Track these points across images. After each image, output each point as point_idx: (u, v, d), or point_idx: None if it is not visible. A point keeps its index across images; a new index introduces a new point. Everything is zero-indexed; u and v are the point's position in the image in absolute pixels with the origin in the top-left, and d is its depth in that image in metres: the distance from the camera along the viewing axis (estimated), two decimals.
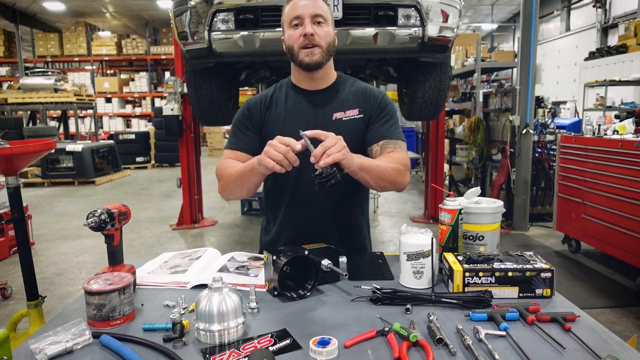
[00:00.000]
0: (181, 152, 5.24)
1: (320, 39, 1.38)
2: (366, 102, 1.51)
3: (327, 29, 1.41)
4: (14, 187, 2.29)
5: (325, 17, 1.40)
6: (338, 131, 1.42)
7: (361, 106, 1.50)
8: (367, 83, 1.59)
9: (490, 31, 15.35)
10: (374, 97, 1.52)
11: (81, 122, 12.27)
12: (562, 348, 0.89)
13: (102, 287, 1.03)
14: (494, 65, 7.28)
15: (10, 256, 4.30)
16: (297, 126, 1.42)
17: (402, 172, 1.40)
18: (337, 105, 1.49)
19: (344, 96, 1.51)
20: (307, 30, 1.36)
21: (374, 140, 1.47)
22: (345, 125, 1.47)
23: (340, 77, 1.56)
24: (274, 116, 1.50)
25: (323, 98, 1.50)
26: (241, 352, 0.91)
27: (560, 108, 8.76)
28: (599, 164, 3.62)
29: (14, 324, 2.53)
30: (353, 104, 1.50)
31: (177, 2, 3.03)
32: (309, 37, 1.37)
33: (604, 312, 3.01)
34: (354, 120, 1.48)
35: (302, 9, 1.38)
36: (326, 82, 1.51)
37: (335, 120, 1.47)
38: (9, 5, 12.52)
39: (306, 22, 1.37)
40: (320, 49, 1.39)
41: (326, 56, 1.42)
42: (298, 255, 1.17)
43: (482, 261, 1.19)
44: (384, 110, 1.50)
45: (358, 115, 1.49)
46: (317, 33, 1.38)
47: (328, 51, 1.42)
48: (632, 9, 9.97)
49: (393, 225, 5.30)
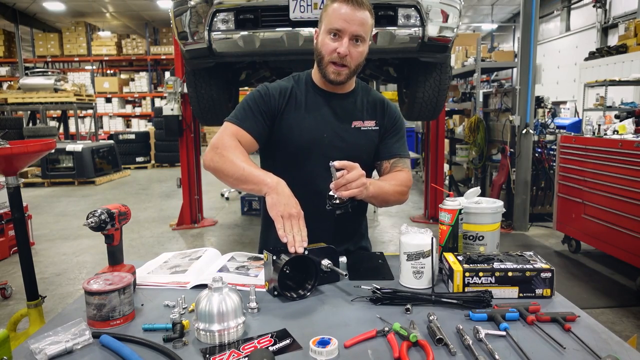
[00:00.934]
0: (181, 152, 5.24)
1: (352, 60, 1.37)
2: (383, 115, 1.53)
3: (362, 48, 1.38)
4: (14, 187, 2.29)
5: (365, 36, 1.37)
6: (356, 139, 1.48)
7: (378, 118, 1.52)
8: (382, 94, 1.61)
9: (490, 31, 15.35)
10: (391, 112, 1.54)
11: (81, 122, 12.27)
12: (562, 348, 0.89)
13: (102, 287, 1.03)
14: (494, 65, 7.28)
15: (10, 256, 4.29)
16: (317, 127, 1.46)
17: (404, 193, 1.47)
18: (357, 113, 1.50)
19: (362, 105, 1.52)
20: (341, 50, 1.34)
21: (386, 157, 1.51)
22: (362, 135, 1.49)
23: (358, 84, 1.56)
24: (295, 111, 1.45)
25: (343, 104, 1.50)
26: (241, 352, 0.91)
27: (560, 108, 8.76)
28: (599, 164, 3.62)
29: (14, 324, 2.53)
30: (371, 114, 1.52)
31: (177, 2, 3.03)
32: (342, 58, 1.35)
33: (604, 312, 3.01)
34: (371, 132, 1.50)
35: (345, 23, 1.32)
36: (347, 88, 1.51)
37: (354, 129, 1.48)
38: (9, 5, 12.53)
39: (344, 40, 1.33)
40: (348, 69, 1.38)
41: (352, 75, 1.42)
42: (298, 255, 1.17)
43: (482, 261, 1.19)
44: (398, 127, 1.54)
45: (375, 127, 1.51)
46: (351, 54, 1.35)
47: (356, 70, 1.41)
48: (632, 9, 9.97)
49: (393, 225, 5.30)
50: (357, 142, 1.48)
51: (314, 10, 2.80)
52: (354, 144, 1.47)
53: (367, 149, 1.51)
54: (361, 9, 1.33)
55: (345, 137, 1.47)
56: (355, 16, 1.32)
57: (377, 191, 1.34)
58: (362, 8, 1.33)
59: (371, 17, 1.37)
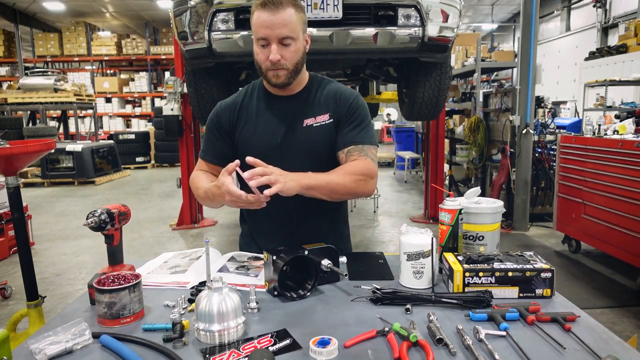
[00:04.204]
0: (181, 152, 5.24)
1: (286, 61, 1.34)
2: (336, 105, 1.46)
3: (295, 46, 1.35)
4: (14, 187, 2.29)
5: (294, 35, 1.33)
6: (309, 138, 1.43)
7: (331, 110, 1.46)
8: (341, 84, 1.53)
9: (490, 31, 15.35)
10: (344, 100, 1.46)
11: (81, 122, 12.27)
12: (562, 348, 0.89)
13: (112, 285, 1.03)
14: (494, 65, 7.28)
15: (10, 256, 4.30)
16: (271, 133, 1.45)
17: (361, 181, 1.35)
18: (308, 110, 1.46)
19: (315, 101, 1.47)
20: (272, 57, 1.32)
21: (341, 147, 1.44)
22: (315, 132, 1.44)
23: (313, 79, 1.51)
24: (247, 124, 1.48)
25: (294, 105, 1.46)
26: (241, 352, 0.91)
27: (561, 108, 8.76)
28: (599, 164, 3.62)
29: (14, 324, 2.53)
30: (324, 108, 1.46)
31: (177, 2, 3.03)
32: (275, 64, 1.33)
33: (604, 312, 3.01)
34: (324, 126, 1.45)
35: (268, 30, 1.30)
36: (297, 87, 1.47)
37: (306, 127, 1.44)
38: (8, 5, 12.52)
39: (273, 47, 1.32)
40: (286, 71, 1.36)
41: (293, 75, 1.39)
42: (298, 255, 1.17)
43: (482, 261, 1.18)
44: (354, 114, 1.45)
45: (328, 120, 1.45)
46: (284, 56, 1.33)
47: (295, 69, 1.38)
48: (632, 9, 9.97)
49: (393, 225, 5.30)
50: (311, 140, 1.44)
51: (314, 10, 2.79)
52: (307, 142, 1.44)
53: (323, 145, 1.46)
54: (281, 9, 1.29)
55: (298, 137, 1.44)
56: (275, 20, 1.29)
57: (314, 182, 1.26)
58: (282, 8, 1.30)
59: (297, 11, 1.33)
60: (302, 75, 1.46)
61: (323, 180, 1.29)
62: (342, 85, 1.53)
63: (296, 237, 1.40)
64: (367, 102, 4.78)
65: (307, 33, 1.41)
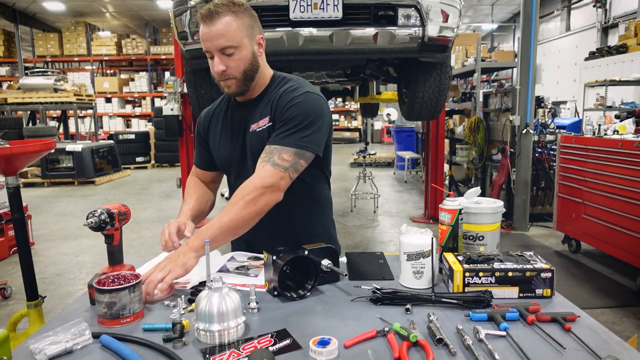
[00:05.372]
0: (181, 152, 5.24)
1: (232, 70, 1.32)
2: (276, 106, 1.38)
3: (238, 56, 1.31)
4: (14, 187, 2.29)
5: (235, 43, 1.29)
6: (253, 143, 1.41)
7: (272, 112, 1.39)
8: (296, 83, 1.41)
9: (490, 31, 15.36)
10: (283, 101, 1.37)
11: (81, 122, 12.26)
12: (562, 348, 0.89)
13: (112, 285, 1.04)
14: (494, 65, 7.28)
15: (10, 256, 4.30)
16: (231, 141, 1.47)
17: (256, 200, 1.26)
18: (256, 116, 1.42)
19: (264, 104, 1.42)
20: (215, 68, 1.31)
21: None
22: (256, 137, 1.40)
23: (273, 80, 1.45)
24: (214, 131, 1.52)
25: (246, 110, 1.44)
26: (241, 352, 0.91)
27: (561, 108, 8.75)
28: (599, 164, 3.62)
29: (14, 324, 2.53)
30: (267, 111, 1.40)
31: (177, 2, 3.03)
32: (221, 74, 1.32)
33: (604, 312, 3.01)
34: (264, 131, 1.39)
35: (208, 43, 1.29)
36: (257, 91, 1.43)
37: (251, 133, 1.42)
38: (8, 5, 12.53)
39: (215, 59, 1.30)
40: (235, 80, 1.34)
41: (245, 83, 1.36)
42: (298, 255, 1.17)
43: (482, 261, 1.18)
44: (285, 114, 1.34)
45: (268, 123, 1.39)
46: (228, 66, 1.31)
47: (245, 77, 1.35)
48: (632, 9, 9.96)
49: (393, 225, 5.30)
50: (255, 146, 1.39)
51: (314, 10, 2.79)
52: (254, 148, 1.40)
53: None
54: (215, 20, 1.27)
55: (247, 143, 1.43)
56: (211, 32, 1.27)
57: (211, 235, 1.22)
58: (217, 18, 1.27)
59: (236, 18, 1.29)
60: (261, 79, 1.41)
61: (215, 227, 1.25)
62: (295, 85, 1.40)
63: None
64: (367, 102, 4.80)
65: (260, 35, 1.37)
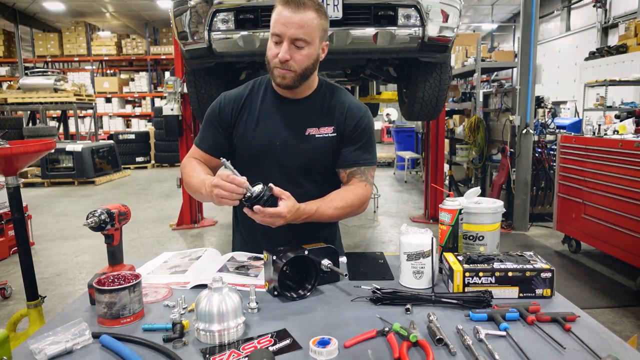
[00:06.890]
0: (181, 152, 5.24)
1: (295, 64, 1.30)
2: (343, 120, 1.42)
3: (306, 52, 1.30)
4: (14, 187, 2.29)
5: (308, 38, 1.28)
6: (309, 147, 1.41)
7: (337, 123, 1.42)
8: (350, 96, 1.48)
9: (490, 31, 15.34)
10: (351, 117, 1.42)
11: (81, 122, 12.26)
12: (562, 348, 0.89)
13: (112, 285, 1.03)
14: (494, 65, 7.28)
15: (10, 256, 4.30)
16: (270, 135, 1.42)
17: (356, 208, 1.41)
18: (313, 119, 1.42)
19: (321, 110, 1.43)
20: (281, 55, 1.28)
21: (344, 166, 1.44)
22: (316, 143, 1.41)
23: (322, 85, 1.46)
24: (247, 120, 1.45)
25: (299, 110, 1.43)
26: (241, 352, 0.91)
27: (561, 108, 8.75)
28: (599, 164, 3.62)
29: (14, 324, 2.53)
30: (329, 120, 1.42)
31: (177, 2, 3.03)
32: (283, 63, 1.30)
33: (604, 312, 3.01)
34: (326, 139, 1.42)
35: (284, 27, 1.26)
36: (305, 92, 1.44)
37: (308, 136, 1.41)
38: (8, 5, 12.52)
39: (284, 45, 1.28)
40: (293, 74, 1.32)
41: (300, 79, 1.35)
42: (298, 255, 1.17)
43: (482, 261, 1.18)
44: (359, 133, 1.43)
45: (332, 133, 1.42)
46: (293, 58, 1.29)
47: (303, 74, 1.34)
48: (632, 9, 9.97)
49: (393, 225, 5.30)
50: (311, 150, 1.41)
51: None
52: (307, 151, 1.41)
53: (322, 156, 1.43)
54: (301, 10, 1.26)
55: (297, 145, 1.41)
56: (293, 19, 1.25)
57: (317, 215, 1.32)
58: (303, 9, 1.26)
59: (318, 17, 1.29)
60: (310, 81, 1.42)
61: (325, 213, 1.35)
62: (351, 96, 1.48)
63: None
64: (367, 102, 4.82)
65: (326, 43, 1.38)
